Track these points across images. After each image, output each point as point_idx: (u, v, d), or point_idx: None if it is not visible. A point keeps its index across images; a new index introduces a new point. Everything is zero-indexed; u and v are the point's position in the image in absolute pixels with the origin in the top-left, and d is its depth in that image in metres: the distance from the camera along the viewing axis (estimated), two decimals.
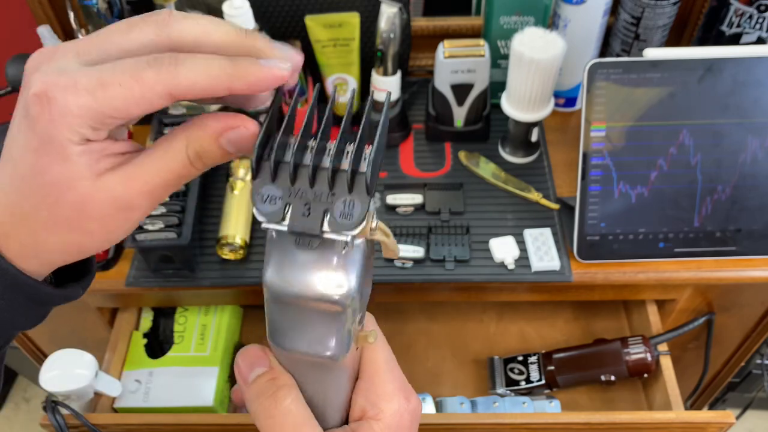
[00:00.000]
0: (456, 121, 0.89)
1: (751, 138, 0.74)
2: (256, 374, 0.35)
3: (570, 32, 0.85)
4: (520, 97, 0.80)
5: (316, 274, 0.31)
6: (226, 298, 0.87)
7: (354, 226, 0.29)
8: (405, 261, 0.78)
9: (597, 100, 0.74)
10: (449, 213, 0.82)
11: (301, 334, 0.33)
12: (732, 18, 0.82)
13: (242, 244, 0.78)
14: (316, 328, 0.32)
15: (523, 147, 0.87)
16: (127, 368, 0.85)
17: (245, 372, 0.35)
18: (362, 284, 0.32)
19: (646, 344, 0.81)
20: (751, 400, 1.29)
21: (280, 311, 0.33)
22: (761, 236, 0.76)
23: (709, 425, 0.74)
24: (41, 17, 0.91)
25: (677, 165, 0.75)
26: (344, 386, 0.36)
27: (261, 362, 0.35)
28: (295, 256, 0.31)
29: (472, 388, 0.90)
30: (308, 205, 0.30)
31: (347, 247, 0.31)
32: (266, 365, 0.35)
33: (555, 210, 0.82)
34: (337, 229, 0.29)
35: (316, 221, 0.30)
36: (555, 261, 0.77)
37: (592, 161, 0.75)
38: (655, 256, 0.77)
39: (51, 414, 0.72)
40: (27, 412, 1.63)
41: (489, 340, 0.95)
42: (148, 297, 0.85)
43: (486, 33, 0.89)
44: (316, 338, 0.33)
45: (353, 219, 0.30)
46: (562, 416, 0.75)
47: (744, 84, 0.73)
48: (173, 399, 0.82)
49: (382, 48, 0.81)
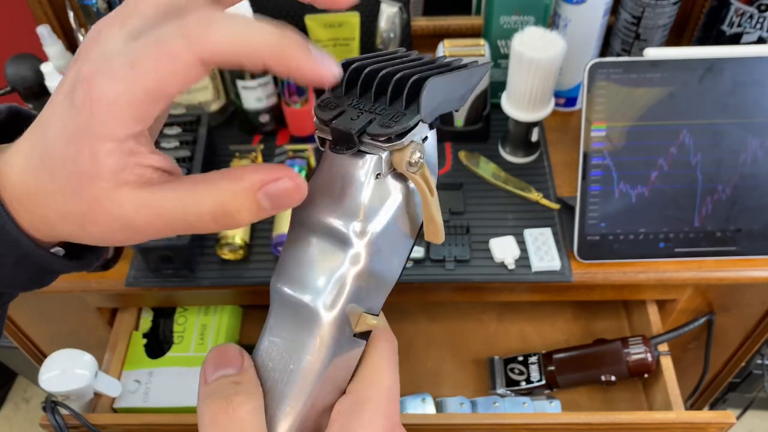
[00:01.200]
0: (456, 121, 0.89)
1: (752, 138, 0.74)
2: (220, 374, 0.30)
3: (570, 32, 0.85)
4: (520, 97, 0.80)
5: (337, 189, 0.28)
6: (225, 298, 0.87)
7: (388, 137, 0.26)
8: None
9: (597, 99, 0.74)
10: (449, 213, 0.82)
11: (296, 269, 0.29)
12: (732, 18, 0.82)
13: (242, 244, 0.78)
14: (312, 266, 0.29)
15: (524, 147, 0.87)
16: (127, 368, 0.85)
17: (209, 371, 0.30)
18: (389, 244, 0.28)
19: (646, 344, 0.81)
20: (752, 400, 1.29)
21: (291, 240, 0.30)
22: (761, 236, 0.76)
23: (710, 425, 0.73)
24: (41, 17, 0.91)
25: (677, 165, 0.75)
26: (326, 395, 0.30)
27: (233, 363, 0.30)
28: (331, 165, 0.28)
29: (472, 388, 0.90)
30: (361, 113, 0.27)
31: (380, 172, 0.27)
32: (237, 368, 0.30)
33: (555, 210, 0.82)
34: (373, 133, 0.26)
35: (357, 124, 0.27)
36: (555, 261, 0.77)
37: (593, 161, 0.75)
38: (655, 256, 0.77)
39: (51, 414, 0.72)
40: (27, 412, 1.63)
41: (489, 340, 0.95)
42: (148, 297, 0.85)
43: (486, 33, 0.89)
44: (304, 277, 0.29)
45: (390, 129, 0.26)
46: (562, 416, 0.75)
47: (744, 84, 0.73)
48: (173, 399, 0.82)
49: (382, 47, 0.81)
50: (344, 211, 0.28)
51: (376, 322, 0.30)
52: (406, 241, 0.30)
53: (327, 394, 0.30)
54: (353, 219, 0.28)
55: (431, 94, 0.27)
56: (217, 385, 0.29)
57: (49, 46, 0.86)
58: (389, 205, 0.28)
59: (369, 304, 0.30)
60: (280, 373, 0.29)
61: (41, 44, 0.86)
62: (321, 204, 0.29)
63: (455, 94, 0.28)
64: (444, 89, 0.28)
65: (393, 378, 0.31)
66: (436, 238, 0.30)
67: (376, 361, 0.31)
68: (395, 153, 0.27)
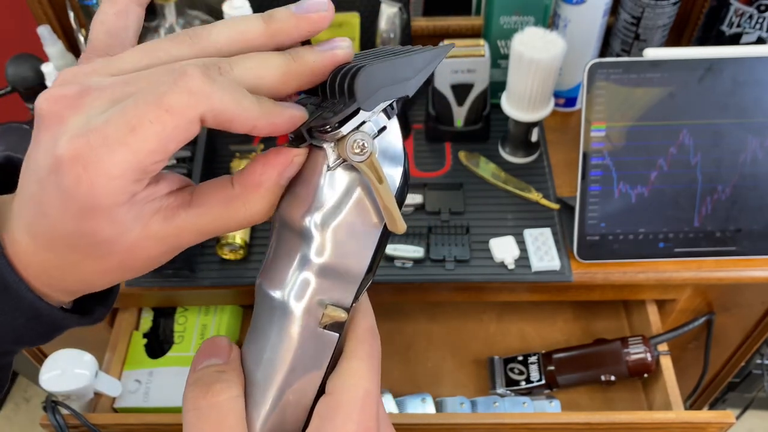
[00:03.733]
0: (456, 121, 0.89)
1: (751, 138, 0.74)
2: (206, 363, 0.31)
3: (570, 32, 0.85)
4: (520, 97, 0.80)
5: (297, 184, 0.29)
6: (226, 298, 0.87)
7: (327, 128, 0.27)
8: (405, 261, 0.78)
9: (597, 100, 0.74)
10: (449, 213, 0.82)
11: (271, 265, 0.31)
12: (732, 18, 0.82)
13: (242, 244, 0.78)
14: (281, 262, 0.30)
15: (523, 147, 0.87)
16: (127, 368, 0.85)
17: (197, 360, 0.32)
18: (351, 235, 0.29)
19: (646, 344, 0.81)
20: (751, 400, 1.29)
21: (270, 238, 0.31)
22: (761, 236, 0.76)
23: (709, 425, 0.74)
24: (41, 17, 0.91)
25: (677, 165, 0.75)
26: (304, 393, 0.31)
27: (220, 354, 0.31)
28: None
29: (472, 388, 0.90)
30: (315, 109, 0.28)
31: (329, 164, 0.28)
32: (224, 359, 0.31)
33: (555, 210, 0.82)
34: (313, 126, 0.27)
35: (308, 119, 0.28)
36: (555, 261, 0.77)
37: (592, 161, 0.75)
38: (655, 256, 0.77)
39: (51, 414, 0.72)
40: (27, 412, 1.63)
41: (489, 340, 0.95)
42: (148, 297, 0.85)
43: (486, 33, 0.89)
44: (276, 273, 0.30)
45: (327, 120, 0.27)
46: (562, 416, 0.75)
47: (744, 84, 0.73)
48: (173, 399, 0.82)
49: None
50: (302, 205, 0.29)
51: (339, 314, 0.30)
52: (371, 232, 0.30)
53: (301, 386, 0.31)
54: (312, 212, 0.29)
55: (365, 82, 0.27)
56: (202, 373, 0.31)
57: (49, 46, 0.86)
58: (345, 195, 0.29)
59: (337, 297, 0.30)
60: (256, 364, 0.31)
61: (41, 44, 0.86)
62: (285, 200, 0.30)
63: (400, 80, 0.28)
64: (384, 76, 0.27)
65: (371, 380, 0.31)
66: (394, 227, 0.29)
67: (354, 365, 0.31)
68: (339, 143, 0.28)
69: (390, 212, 0.29)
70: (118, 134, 0.24)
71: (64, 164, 0.24)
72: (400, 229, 0.29)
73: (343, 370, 0.31)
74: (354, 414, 0.30)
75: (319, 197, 0.29)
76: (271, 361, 0.30)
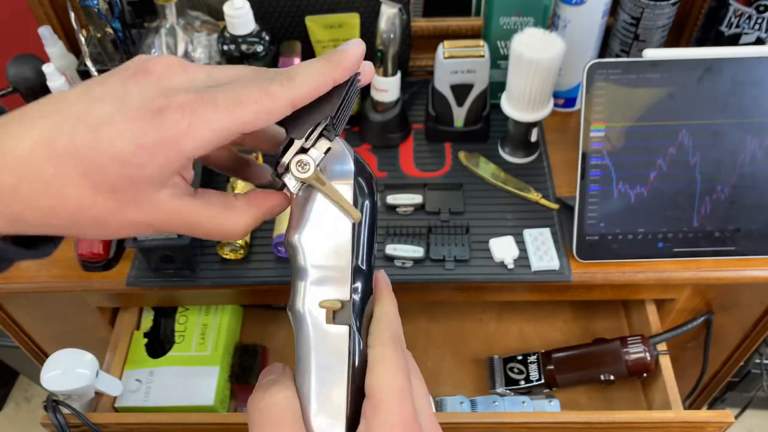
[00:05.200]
0: (456, 122, 0.89)
1: (750, 138, 0.74)
2: (266, 378, 0.36)
3: (569, 33, 0.86)
4: (520, 98, 0.80)
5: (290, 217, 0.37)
6: (226, 298, 0.87)
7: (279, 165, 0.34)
8: (405, 261, 0.78)
9: (596, 100, 0.74)
10: (449, 213, 0.82)
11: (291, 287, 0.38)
12: (731, 18, 0.83)
13: (243, 244, 0.78)
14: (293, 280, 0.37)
15: (523, 147, 0.87)
16: (128, 368, 0.86)
17: (260, 377, 0.37)
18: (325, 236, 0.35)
19: (645, 344, 0.82)
20: (750, 399, 1.30)
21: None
22: (760, 236, 0.76)
23: (708, 425, 0.74)
24: (42, 18, 0.91)
25: (676, 165, 0.75)
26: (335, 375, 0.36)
27: (275, 371, 0.37)
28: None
29: (471, 388, 0.91)
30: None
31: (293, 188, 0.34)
32: (278, 373, 0.37)
33: (554, 210, 0.83)
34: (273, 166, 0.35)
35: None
36: (554, 261, 0.77)
37: (592, 161, 0.75)
38: (654, 256, 0.77)
39: (52, 413, 0.72)
40: (28, 412, 1.64)
41: (489, 339, 0.95)
42: (149, 297, 0.85)
43: (486, 33, 0.89)
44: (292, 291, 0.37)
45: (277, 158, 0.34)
46: (561, 416, 0.76)
47: (743, 84, 0.73)
48: (174, 398, 0.83)
49: (382, 48, 0.81)
50: (291, 229, 0.36)
51: (334, 304, 0.35)
52: (342, 229, 0.35)
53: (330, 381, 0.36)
54: (295, 230, 0.36)
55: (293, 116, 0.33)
56: (262, 383, 0.36)
57: (50, 46, 0.86)
58: (311, 207, 0.35)
59: (334, 294, 0.36)
60: (300, 372, 0.36)
61: (42, 45, 0.86)
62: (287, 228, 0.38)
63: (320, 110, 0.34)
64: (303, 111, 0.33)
65: (401, 378, 0.35)
66: (350, 217, 0.35)
67: (383, 367, 0.35)
68: (289, 170, 0.34)
69: (341, 206, 0.35)
70: (227, 103, 0.30)
71: (171, 107, 0.29)
72: (355, 217, 0.35)
73: (374, 374, 0.35)
74: (394, 408, 0.33)
75: (297, 217, 0.36)
76: (305, 364, 0.36)
